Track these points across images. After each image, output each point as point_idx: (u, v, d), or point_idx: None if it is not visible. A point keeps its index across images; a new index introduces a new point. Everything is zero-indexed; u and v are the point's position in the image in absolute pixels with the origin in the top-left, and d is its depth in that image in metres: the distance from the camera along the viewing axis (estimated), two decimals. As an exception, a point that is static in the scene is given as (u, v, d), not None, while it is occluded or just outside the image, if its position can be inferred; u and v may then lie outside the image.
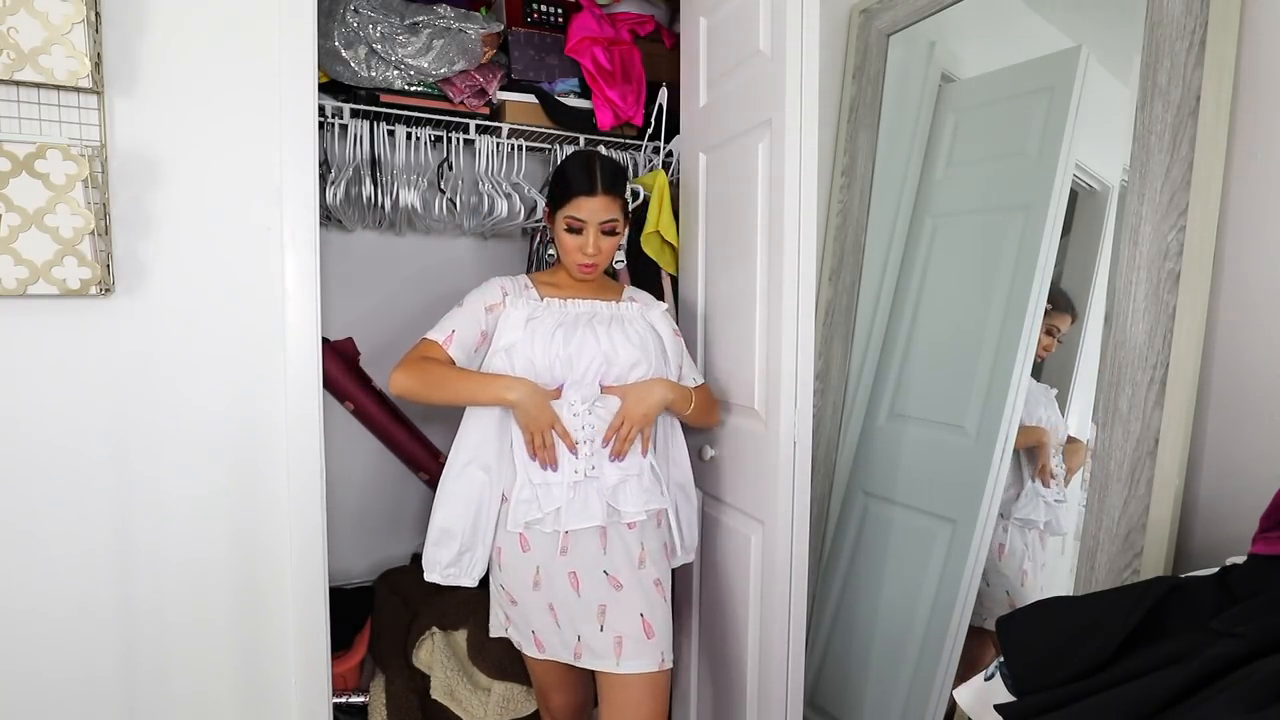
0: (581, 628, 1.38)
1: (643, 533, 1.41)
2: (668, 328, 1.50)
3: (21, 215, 1.13)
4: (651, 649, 1.36)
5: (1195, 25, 1.10)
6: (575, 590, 1.37)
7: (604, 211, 1.41)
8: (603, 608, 1.37)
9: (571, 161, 1.44)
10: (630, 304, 1.51)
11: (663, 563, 1.44)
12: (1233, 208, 1.11)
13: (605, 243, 1.43)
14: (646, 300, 1.56)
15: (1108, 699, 0.68)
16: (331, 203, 1.84)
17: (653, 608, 1.38)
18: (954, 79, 1.73)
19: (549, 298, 1.45)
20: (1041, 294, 1.45)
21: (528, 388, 1.32)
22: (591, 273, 1.45)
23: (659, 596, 1.40)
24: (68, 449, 1.23)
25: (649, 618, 1.37)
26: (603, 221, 1.41)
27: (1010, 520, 1.50)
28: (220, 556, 1.35)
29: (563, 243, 1.44)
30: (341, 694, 1.83)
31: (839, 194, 1.88)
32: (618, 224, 1.43)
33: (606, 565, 1.38)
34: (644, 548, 1.41)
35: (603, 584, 1.37)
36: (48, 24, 1.12)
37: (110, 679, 1.29)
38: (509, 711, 1.68)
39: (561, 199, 1.42)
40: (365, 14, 1.73)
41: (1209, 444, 1.14)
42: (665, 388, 1.40)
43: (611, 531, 1.38)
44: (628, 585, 1.37)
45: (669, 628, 1.41)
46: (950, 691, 1.51)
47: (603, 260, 1.45)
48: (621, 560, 1.38)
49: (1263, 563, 0.78)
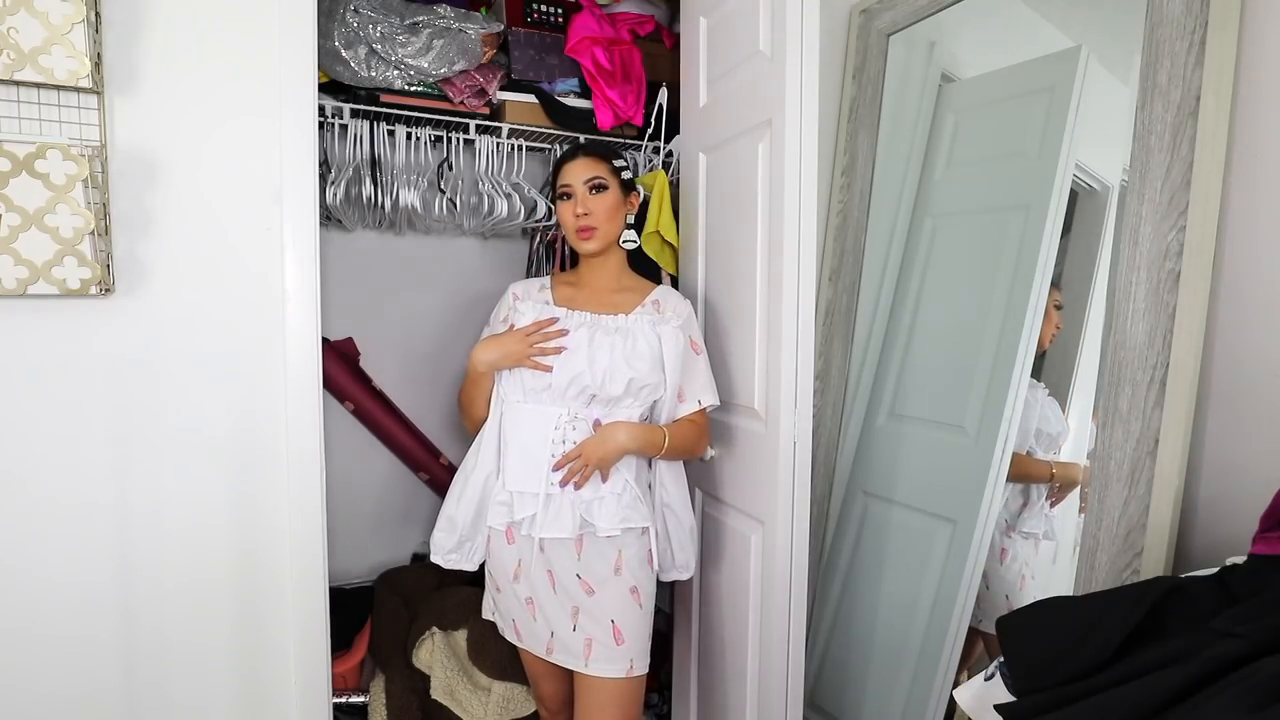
0: (556, 625, 1.40)
1: (621, 541, 1.40)
2: (677, 343, 1.40)
3: (21, 215, 1.13)
4: (620, 655, 1.37)
5: (1195, 25, 1.10)
6: (551, 588, 1.40)
7: (586, 170, 1.42)
8: (575, 609, 1.39)
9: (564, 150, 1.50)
10: (642, 314, 1.43)
11: (642, 571, 1.42)
12: (1233, 208, 1.11)
13: (595, 202, 1.41)
14: (674, 306, 1.46)
15: (1108, 699, 0.68)
16: (331, 203, 1.84)
17: (624, 614, 1.39)
18: (954, 79, 1.73)
19: (560, 305, 1.44)
20: (1042, 294, 1.45)
21: (480, 348, 1.38)
22: (590, 237, 1.42)
23: (634, 603, 1.40)
24: (68, 448, 1.23)
25: (620, 624, 1.38)
26: (587, 180, 1.41)
27: (1016, 532, 1.51)
28: (220, 556, 1.35)
29: (560, 218, 1.45)
30: (341, 694, 1.83)
31: (839, 194, 1.88)
32: (604, 179, 1.42)
33: (580, 569, 1.39)
34: (621, 555, 1.40)
35: (576, 586, 1.39)
36: (48, 24, 1.12)
37: (110, 677, 1.29)
38: (509, 711, 1.68)
39: (553, 180, 1.47)
40: (365, 14, 1.73)
41: (1209, 444, 1.14)
42: (627, 437, 1.35)
43: (588, 538, 1.39)
44: (600, 591, 1.39)
45: (642, 636, 1.41)
46: (950, 691, 1.51)
47: (598, 222, 1.42)
48: (597, 565, 1.39)
49: (1263, 563, 0.78)
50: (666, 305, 1.46)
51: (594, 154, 1.45)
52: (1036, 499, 1.50)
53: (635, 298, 1.47)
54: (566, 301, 1.46)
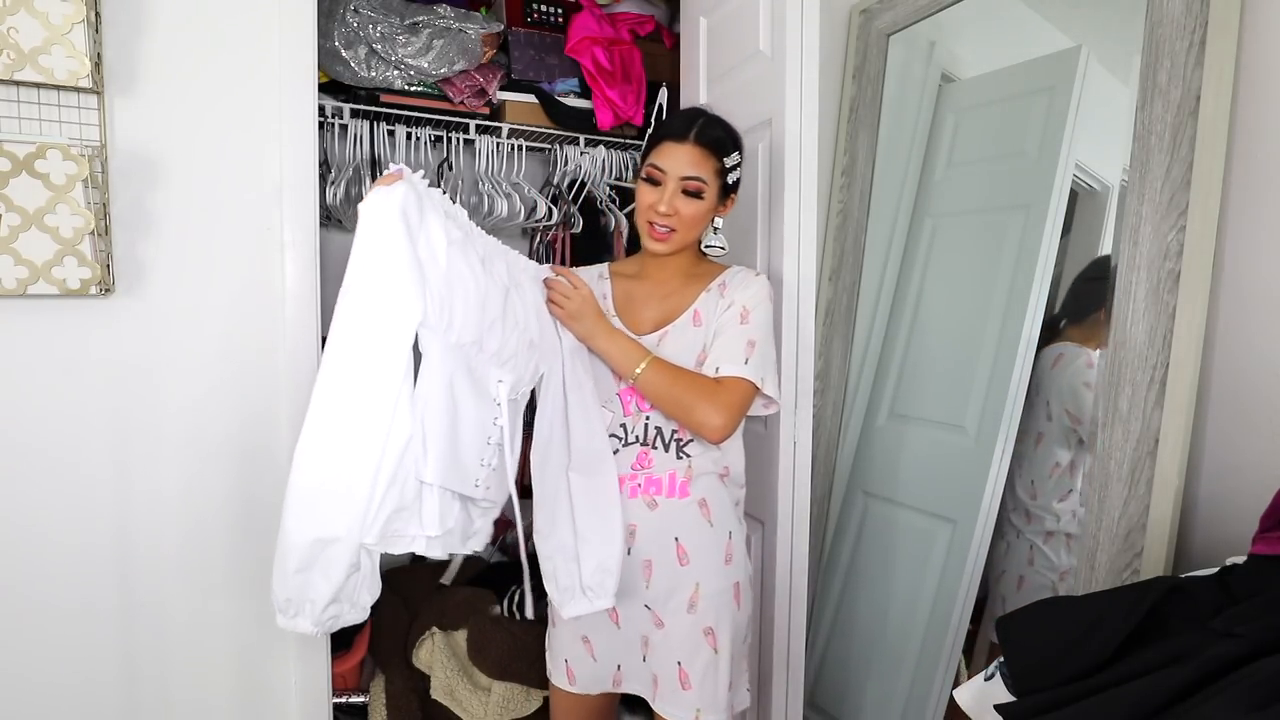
0: (623, 658, 1.25)
1: (699, 568, 1.20)
2: (731, 314, 1.19)
3: (21, 215, 1.13)
4: (685, 701, 1.19)
5: (1195, 25, 1.10)
6: (615, 624, 1.24)
7: (689, 164, 1.16)
8: (645, 638, 1.24)
9: (674, 113, 1.23)
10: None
11: (725, 608, 1.21)
12: (1233, 208, 1.11)
13: (684, 205, 1.17)
14: (740, 283, 1.23)
15: (1108, 699, 0.68)
16: (331, 203, 1.84)
17: (693, 657, 1.19)
18: (954, 79, 1.73)
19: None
20: (1041, 294, 1.45)
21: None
22: (664, 240, 1.19)
23: (706, 646, 1.19)
24: (68, 448, 1.23)
25: (687, 668, 1.19)
26: (685, 177, 1.16)
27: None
28: (220, 556, 1.35)
29: (638, 198, 1.21)
30: (341, 694, 1.82)
31: (839, 194, 1.88)
32: (704, 186, 1.17)
33: (649, 599, 1.22)
34: (698, 588, 1.20)
35: (644, 618, 1.23)
36: (48, 24, 1.12)
37: (110, 678, 1.29)
38: (509, 711, 1.68)
39: (647, 149, 1.22)
40: (365, 14, 1.73)
41: (1209, 444, 1.14)
42: (606, 333, 1.17)
43: (658, 564, 1.21)
44: (670, 626, 1.21)
45: (716, 682, 1.20)
46: (950, 691, 1.51)
47: (680, 226, 1.18)
48: (666, 596, 1.21)
49: (1263, 563, 0.78)
50: (732, 284, 1.23)
51: (708, 145, 1.18)
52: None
53: (700, 286, 1.25)
54: (623, 302, 1.27)
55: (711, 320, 1.21)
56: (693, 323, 1.22)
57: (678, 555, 1.20)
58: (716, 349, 1.18)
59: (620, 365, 1.17)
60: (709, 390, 1.15)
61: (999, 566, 1.54)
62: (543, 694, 1.67)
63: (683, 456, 1.21)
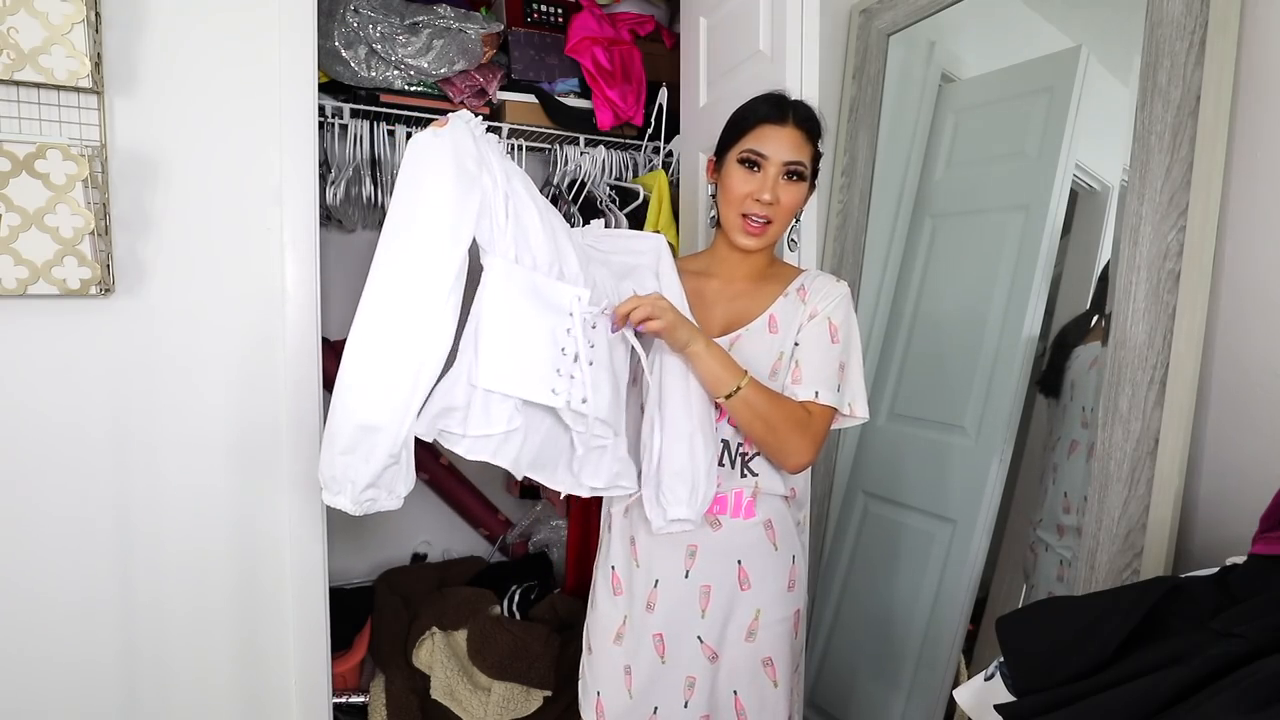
0: (661, 700, 1.13)
1: (760, 594, 1.13)
2: (817, 329, 1.11)
3: (21, 215, 1.13)
4: None
5: (1195, 25, 1.10)
6: (660, 657, 1.13)
7: (792, 148, 1.08)
8: (691, 682, 1.13)
9: (756, 99, 1.13)
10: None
11: (784, 638, 1.14)
12: (1233, 208, 1.11)
13: (786, 192, 1.08)
14: (822, 290, 1.13)
15: (1108, 699, 0.68)
16: (331, 203, 1.84)
17: (750, 689, 1.12)
18: (954, 79, 1.73)
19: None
20: (1041, 294, 1.45)
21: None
22: (760, 233, 1.09)
23: (766, 678, 1.13)
24: (68, 448, 1.23)
25: (744, 700, 1.12)
26: (789, 162, 1.08)
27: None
28: (220, 556, 1.35)
29: (729, 187, 1.10)
30: (341, 694, 1.82)
31: (839, 194, 1.88)
32: (805, 167, 1.09)
33: (702, 629, 1.12)
34: (758, 616, 1.12)
35: (695, 654, 1.13)
36: (48, 24, 1.12)
37: (110, 679, 1.29)
38: (509, 711, 1.68)
39: (736, 134, 1.11)
40: (365, 14, 1.73)
41: (1209, 444, 1.14)
42: (704, 343, 1.04)
43: (717, 591, 1.12)
44: (726, 656, 1.13)
45: (776, 718, 1.14)
46: (950, 691, 1.51)
47: (777, 217, 1.09)
48: (723, 623, 1.12)
49: (1263, 563, 0.78)
50: (813, 290, 1.13)
51: (807, 128, 1.10)
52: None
53: (776, 288, 1.16)
54: (693, 301, 1.15)
55: (790, 328, 1.12)
56: (768, 329, 1.13)
57: (739, 579, 1.12)
58: (808, 371, 1.09)
59: (716, 380, 1.04)
60: (802, 421, 1.07)
61: (1027, 580, 1.47)
62: (543, 694, 1.68)
63: (748, 474, 1.13)
